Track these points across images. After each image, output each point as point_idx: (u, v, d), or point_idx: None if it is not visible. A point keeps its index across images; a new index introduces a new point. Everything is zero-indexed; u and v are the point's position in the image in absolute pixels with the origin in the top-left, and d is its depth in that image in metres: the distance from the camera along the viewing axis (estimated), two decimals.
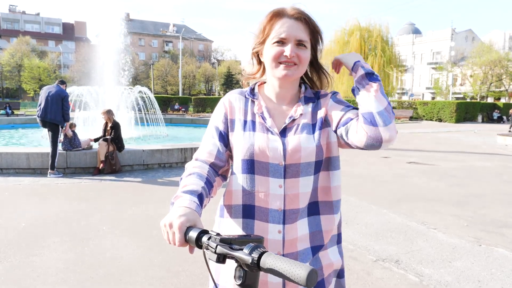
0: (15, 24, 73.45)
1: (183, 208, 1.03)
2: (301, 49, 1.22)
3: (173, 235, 0.99)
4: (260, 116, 1.29)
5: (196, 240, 0.95)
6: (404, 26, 71.67)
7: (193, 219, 1.01)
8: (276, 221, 1.25)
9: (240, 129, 1.29)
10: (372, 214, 5.15)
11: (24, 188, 6.35)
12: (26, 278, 3.20)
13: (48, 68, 57.28)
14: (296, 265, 0.79)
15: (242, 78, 1.43)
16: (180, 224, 0.98)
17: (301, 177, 1.25)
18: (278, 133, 1.26)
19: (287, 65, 1.22)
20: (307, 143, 1.24)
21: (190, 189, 1.12)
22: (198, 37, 78.93)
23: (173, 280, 3.20)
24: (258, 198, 1.26)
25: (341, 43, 38.98)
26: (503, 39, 57.77)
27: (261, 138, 1.26)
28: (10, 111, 26.75)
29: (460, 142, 15.00)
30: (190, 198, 1.08)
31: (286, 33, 1.21)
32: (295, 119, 1.28)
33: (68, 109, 7.46)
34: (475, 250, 3.99)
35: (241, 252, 0.85)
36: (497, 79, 45.64)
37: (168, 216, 1.02)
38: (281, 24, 1.22)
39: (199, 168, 1.24)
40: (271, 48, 1.24)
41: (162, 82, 62.35)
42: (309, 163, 1.24)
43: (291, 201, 1.25)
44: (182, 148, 8.54)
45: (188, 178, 1.19)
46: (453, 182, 7.30)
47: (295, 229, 1.26)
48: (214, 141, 1.30)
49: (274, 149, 1.24)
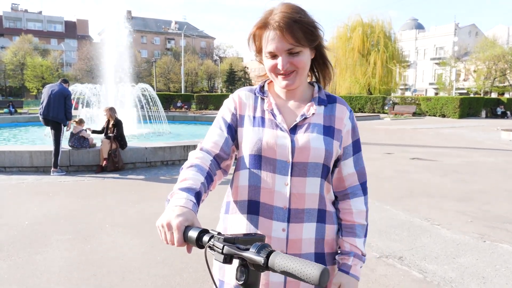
0: (17, 23, 73.67)
1: (179, 208, 1.00)
2: (295, 56, 1.18)
3: (171, 235, 0.96)
4: (270, 113, 1.27)
5: (196, 239, 0.93)
6: (407, 21, 71.31)
7: (191, 219, 0.98)
8: (280, 219, 1.23)
9: (249, 124, 1.28)
10: (375, 210, 5.13)
11: (27, 186, 6.37)
12: (29, 276, 3.21)
13: (51, 66, 57.49)
14: (307, 264, 0.77)
15: (246, 78, 1.40)
16: (179, 224, 0.95)
17: (308, 177, 1.23)
18: (288, 130, 1.24)
19: (284, 76, 1.21)
20: (317, 143, 1.22)
21: (187, 186, 1.09)
22: (200, 34, 78.88)
23: (176, 277, 3.20)
24: (263, 194, 1.24)
25: (343, 39, 38.86)
26: (507, 33, 57.35)
27: (269, 134, 1.24)
28: (13, 109, 26.80)
29: (464, 137, 14.92)
30: (187, 196, 1.05)
31: (273, 47, 1.17)
32: (307, 117, 1.26)
33: (70, 108, 7.48)
34: (479, 246, 3.96)
35: (250, 252, 0.83)
36: (501, 74, 45.35)
37: (164, 216, 0.99)
38: (267, 37, 1.18)
39: (201, 160, 1.21)
40: (266, 61, 1.22)
41: (164, 80, 62.42)
42: (317, 164, 1.23)
43: (296, 200, 1.23)
44: (185, 146, 8.54)
45: (188, 171, 1.16)
46: (456, 178, 7.27)
47: (300, 230, 1.24)
48: (222, 132, 1.28)
49: (283, 145, 1.22)
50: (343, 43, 38.71)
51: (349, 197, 1.32)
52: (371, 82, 37.76)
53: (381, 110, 32.10)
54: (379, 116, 28.47)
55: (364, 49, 38.20)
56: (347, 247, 1.29)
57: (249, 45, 1.27)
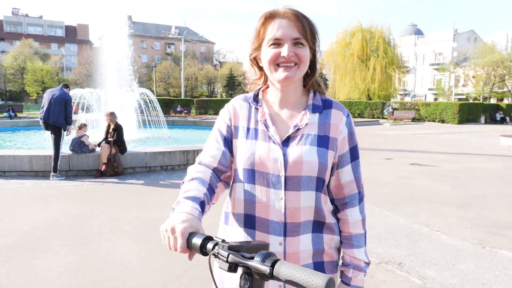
0: (18, 27, 73.84)
1: (185, 214, 0.99)
2: (299, 47, 1.16)
3: (174, 241, 0.95)
4: (263, 124, 1.24)
5: (200, 246, 0.92)
6: (406, 27, 71.61)
7: (195, 226, 0.97)
8: (277, 233, 1.21)
9: (243, 136, 1.26)
10: (375, 216, 5.13)
11: (26, 191, 6.36)
12: (28, 281, 3.20)
13: (51, 70, 57.56)
14: (312, 274, 0.76)
15: (246, 83, 1.38)
16: (183, 230, 0.94)
17: (302, 190, 1.20)
18: (280, 142, 1.21)
19: (286, 67, 1.17)
20: (310, 156, 1.19)
21: (192, 195, 1.09)
22: (200, 39, 79.06)
23: (175, 283, 3.19)
24: (259, 208, 1.23)
25: (343, 45, 39.01)
26: (505, 39, 57.55)
27: (262, 148, 1.21)
28: (13, 113, 26.82)
29: (463, 143, 14.94)
30: (192, 204, 1.05)
31: (281, 33, 1.15)
32: (300, 128, 1.22)
33: (71, 113, 7.50)
34: (479, 252, 3.96)
35: (255, 261, 0.82)
36: (500, 80, 45.47)
37: (169, 221, 0.98)
38: (275, 24, 1.17)
39: (201, 173, 1.20)
40: (267, 51, 1.19)
41: (164, 84, 62.46)
42: (311, 178, 1.19)
43: (291, 214, 1.21)
44: (185, 151, 8.54)
45: (190, 183, 1.15)
46: (456, 184, 7.27)
47: (297, 243, 1.22)
48: (219, 146, 1.27)
49: (275, 159, 1.20)
50: (343, 48, 38.86)
51: (346, 206, 1.32)
52: (371, 88, 37.85)
53: (380, 115, 32.15)
54: (378, 122, 28.52)
55: (364, 55, 38.34)
56: (347, 259, 1.30)
57: (253, 40, 1.24)
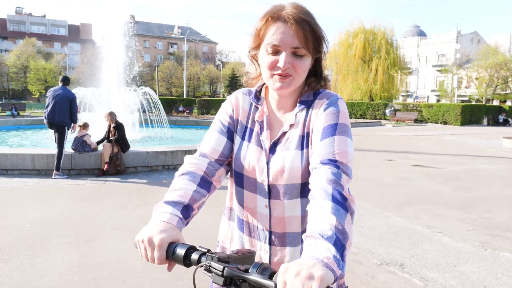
0: (21, 26, 74.11)
1: (162, 223, 0.96)
2: (297, 58, 1.09)
3: (152, 252, 0.92)
4: (259, 125, 1.21)
5: (184, 257, 0.89)
6: (409, 28, 71.55)
7: (175, 235, 0.94)
8: (262, 240, 1.19)
9: (240, 135, 1.23)
10: (376, 217, 5.13)
11: (29, 189, 6.38)
12: (30, 279, 3.21)
13: (54, 69, 57.74)
14: None
15: (243, 80, 1.30)
16: (160, 241, 0.91)
17: (286, 199, 1.15)
18: (268, 148, 1.17)
19: (281, 77, 1.10)
20: (293, 161, 1.12)
21: (173, 199, 1.05)
22: (202, 39, 79.17)
23: (177, 282, 3.19)
24: (247, 213, 1.21)
25: (345, 45, 39.01)
26: (508, 41, 57.42)
27: (252, 153, 1.18)
28: (15, 112, 26.94)
29: (465, 145, 14.91)
30: (172, 211, 1.01)
31: (280, 40, 1.07)
32: (285, 131, 1.17)
33: (76, 111, 7.56)
34: (481, 254, 3.95)
35: (255, 275, 0.78)
36: (503, 82, 45.42)
37: (146, 231, 0.94)
38: (276, 29, 1.08)
39: (195, 166, 1.17)
40: (265, 56, 1.11)
41: (166, 84, 62.61)
42: (294, 185, 1.14)
43: (277, 224, 1.17)
44: (187, 150, 8.54)
45: (179, 180, 1.12)
46: (458, 185, 7.25)
47: (283, 253, 1.18)
48: (220, 136, 1.22)
49: (261, 166, 1.16)
50: (345, 49, 38.86)
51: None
52: (373, 89, 37.85)
53: (382, 116, 32.12)
54: (380, 123, 28.46)
55: (366, 56, 38.35)
56: None
57: (253, 35, 1.15)
